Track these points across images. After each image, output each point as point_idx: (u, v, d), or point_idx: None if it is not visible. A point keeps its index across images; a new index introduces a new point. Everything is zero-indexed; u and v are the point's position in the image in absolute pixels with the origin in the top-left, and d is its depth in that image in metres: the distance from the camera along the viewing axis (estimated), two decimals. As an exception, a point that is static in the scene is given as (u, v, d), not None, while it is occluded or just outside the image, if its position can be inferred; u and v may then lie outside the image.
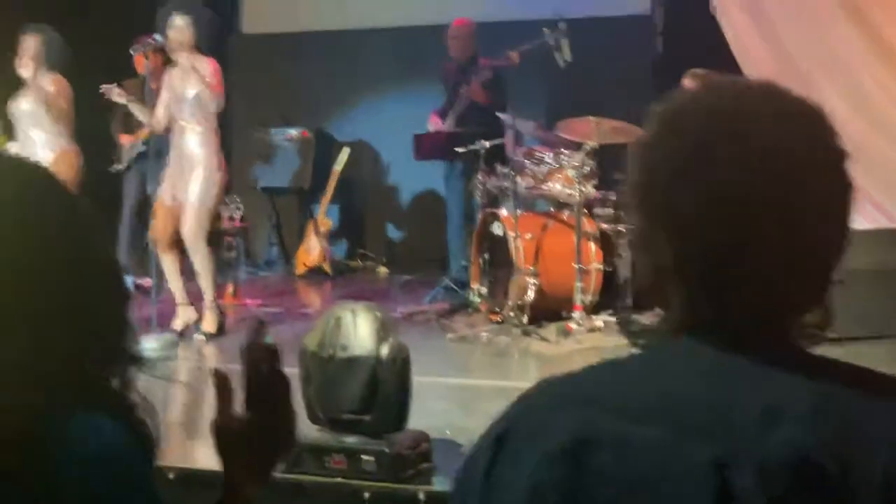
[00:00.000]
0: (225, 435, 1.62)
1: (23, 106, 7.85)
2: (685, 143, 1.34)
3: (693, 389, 1.30)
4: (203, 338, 7.61)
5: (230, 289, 9.13)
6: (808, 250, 1.32)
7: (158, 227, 7.62)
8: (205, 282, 7.64)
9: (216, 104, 7.60)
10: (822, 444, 1.23)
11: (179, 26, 7.55)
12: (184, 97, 7.58)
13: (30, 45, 7.79)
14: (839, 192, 1.34)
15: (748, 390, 1.29)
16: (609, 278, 7.84)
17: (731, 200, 1.30)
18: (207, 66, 7.58)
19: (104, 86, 7.88)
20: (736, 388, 1.29)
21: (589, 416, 1.30)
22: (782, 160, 1.30)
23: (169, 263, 7.66)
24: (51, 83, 7.79)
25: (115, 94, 7.88)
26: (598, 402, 1.32)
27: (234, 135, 11.34)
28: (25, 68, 7.78)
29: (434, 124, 9.38)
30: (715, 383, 1.30)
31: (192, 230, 7.52)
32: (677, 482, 1.24)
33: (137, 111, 7.94)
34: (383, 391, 4.46)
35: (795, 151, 1.32)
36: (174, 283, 7.72)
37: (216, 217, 8.18)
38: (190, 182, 7.54)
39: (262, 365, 1.62)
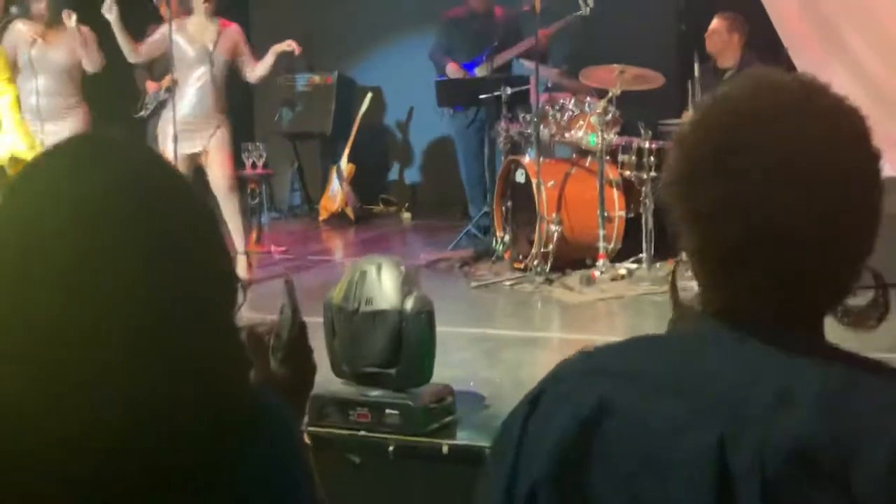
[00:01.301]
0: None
1: (51, 55, 7.61)
2: (710, 138, 1.37)
3: (712, 370, 1.35)
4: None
5: (254, 235, 9.15)
6: (830, 246, 1.33)
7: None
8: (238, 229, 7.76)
9: (256, 73, 7.85)
10: (826, 433, 1.26)
11: None
12: (202, 49, 7.64)
13: None
14: (865, 193, 1.36)
15: (765, 375, 1.32)
16: (632, 226, 7.83)
17: (747, 198, 1.33)
18: (242, 41, 7.75)
19: None
20: (753, 372, 1.33)
21: (612, 386, 1.37)
22: (805, 162, 1.32)
23: None
24: (78, 33, 7.58)
25: (106, 6, 7.51)
26: (624, 375, 1.39)
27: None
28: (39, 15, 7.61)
29: (454, 71, 9.33)
30: (734, 365, 1.34)
31: (228, 179, 7.62)
32: (683, 458, 1.29)
33: (120, 36, 7.60)
34: (408, 345, 4.48)
35: (821, 154, 1.33)
36: None
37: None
38: (212, 132, 7.62)
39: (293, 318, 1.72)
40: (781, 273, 1.33)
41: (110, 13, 7.49)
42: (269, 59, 7.84)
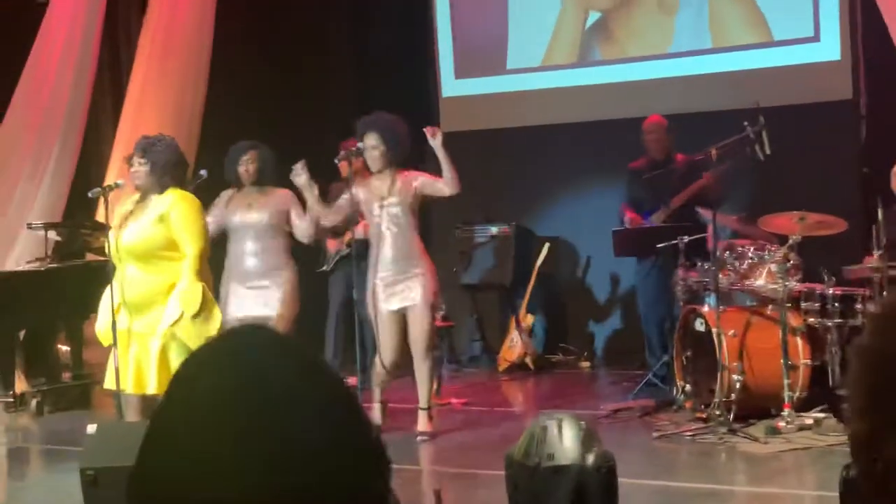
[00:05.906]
0: None
1: (253, 217, 7.89)
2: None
3: None
4: (425, 438, 7.71)
5: (434, 387, 9.20)
6: None
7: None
8: (425, 387, 7.80)
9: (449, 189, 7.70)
10: None
11: (370, 144, 7.75)
12: (390, 205, 7.74)
13: (250, 159, 7.96)
14: None
15: None
16: (818, 374, 7.65)
17: None
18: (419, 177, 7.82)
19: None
20: None
21: None
22: None
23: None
24: (280, 196, 7.95)
25: (296, 170, 7.78)
26: None
27: (435, 233, 11.52)
28: (247, 180, 7.97)
29: (632, 220, 9.33)
30: None
31: (426, 334, 7.69)
32: None
33: (311, 200, 7.82)
34: (590, 500, 4.44)
35: None
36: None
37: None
38: (413, 287, 7.69)
39: None
40: None
41: (299, 177, 7.76)
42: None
